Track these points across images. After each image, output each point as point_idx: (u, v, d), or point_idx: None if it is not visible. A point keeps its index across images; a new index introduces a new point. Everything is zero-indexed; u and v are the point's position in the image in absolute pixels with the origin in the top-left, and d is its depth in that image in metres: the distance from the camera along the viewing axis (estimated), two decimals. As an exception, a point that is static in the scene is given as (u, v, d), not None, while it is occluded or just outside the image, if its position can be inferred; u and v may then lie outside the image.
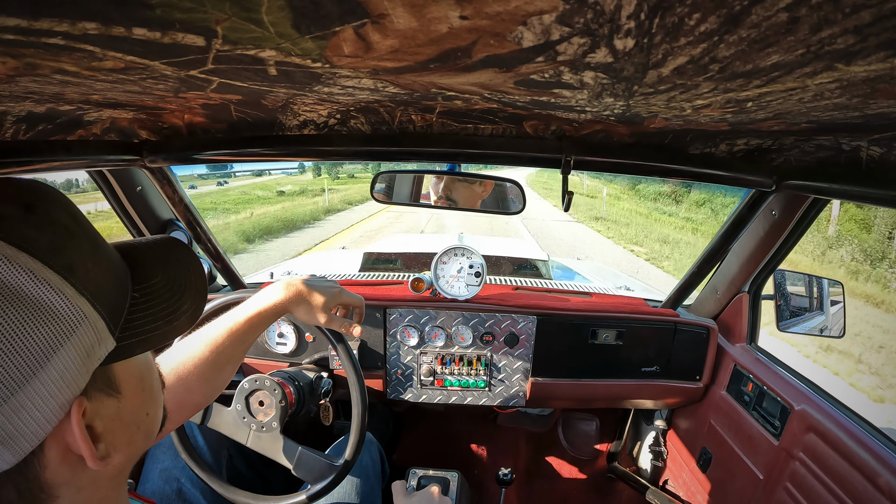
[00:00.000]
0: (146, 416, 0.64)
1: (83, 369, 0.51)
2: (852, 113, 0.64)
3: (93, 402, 0.53)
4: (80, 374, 0.50)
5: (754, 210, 1.57)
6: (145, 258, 0.65)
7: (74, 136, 1.00)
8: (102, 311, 0.52)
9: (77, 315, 0.49)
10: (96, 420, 0.54)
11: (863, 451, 1.32)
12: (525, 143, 1.13)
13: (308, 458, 1.40)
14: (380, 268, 3.77)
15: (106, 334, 0.53)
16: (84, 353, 0.50)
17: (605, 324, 2.01)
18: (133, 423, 0.61)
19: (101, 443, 0.55)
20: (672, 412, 2.40)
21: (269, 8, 0.35)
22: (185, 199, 1.69)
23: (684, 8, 0.33)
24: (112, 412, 0.57)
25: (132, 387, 0.60)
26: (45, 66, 0.50)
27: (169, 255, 0.69)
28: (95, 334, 0.51)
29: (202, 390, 1.16)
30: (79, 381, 0.51)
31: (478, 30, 0.39)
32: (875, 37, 0.36)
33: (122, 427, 0.58)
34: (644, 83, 0.56)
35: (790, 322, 1.83)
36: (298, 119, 1.06)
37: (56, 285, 0.48)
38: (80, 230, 0.54)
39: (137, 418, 0.62)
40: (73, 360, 0.49)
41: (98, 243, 0.57)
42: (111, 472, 0.59)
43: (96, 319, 0.51)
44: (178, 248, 0.71)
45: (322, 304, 1.29)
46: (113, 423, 0.57)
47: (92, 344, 0.51)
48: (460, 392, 2.06)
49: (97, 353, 0.52)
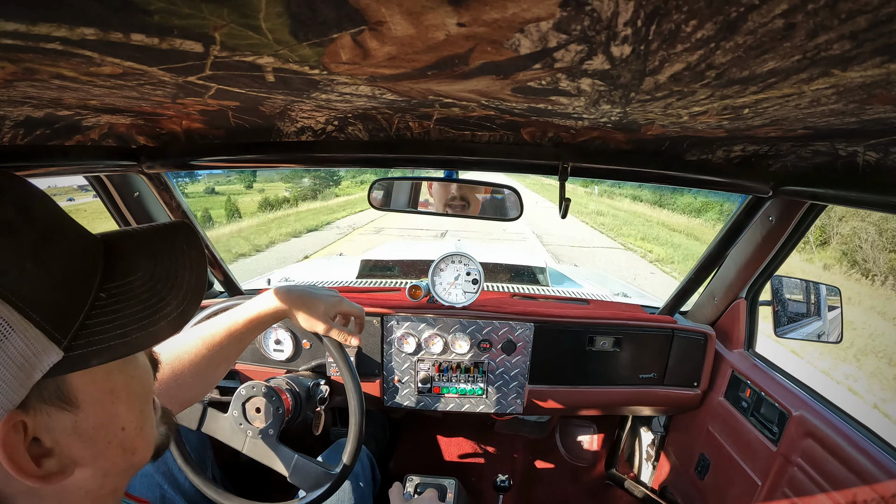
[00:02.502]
0: (121, 430, 0.58)
1: (15, 383, 0.46)
2: (849, 119, 0.64)
3: (37, 416, 0.49)
4: (11, 388, 0.46)
5: (751, 216, 1.57)
6: (130, 250, 0.59)
7: (72, 142, 1.00)
8: (39, 319, 0.47)
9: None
10: (44, 434, 0.50)
11: (861, 456, 1.31)
12: (522, 150, 1.13)
13: (304, 466, 1.39)
14: (377, 275, 3.76)
15: (45, 344, 0.47)
16: (15, 367, 0.45)
17: (603, 330, 2.01)
18: (101, 439, 0.55)
19: (52, 458, 0.51)
20: (670, 419, 2.39)
21: (267, 15, 0.35)
22: (182, 205, 1.70)
23: (681, 15, 0.33)
24: (66, 426, 0.52)
25: (95, 399, 0.55)
26: (43, 71, 0.50)
27: (164, 243, 0.63)
28: (29, 346, 0.46)
29: (195, 386, 1.15)
30: (10, 396, 0.46)
31: (475, 37, 0.39)
32: (871, 42, 0.36)
33: (83, 442, 0.54)
34: (641, 90, 0.56)
35: (788, 328, 1.83)
36: (296, 125, 1.06)
37: None
38: (28, 224, 0.49)
39: (107, 433, 0.56)
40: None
41: (52, 238, 0.51)
42: (84, 486, 0.55)
43: (27, 329, 0.46)
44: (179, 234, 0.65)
45: (322, 312, 1.28)
46: (68, 437, 0.52)
47: (25, 356, 0.46)
48: (457, 399, 2.06)
49: (37, 366, 0.47)
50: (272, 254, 17.81)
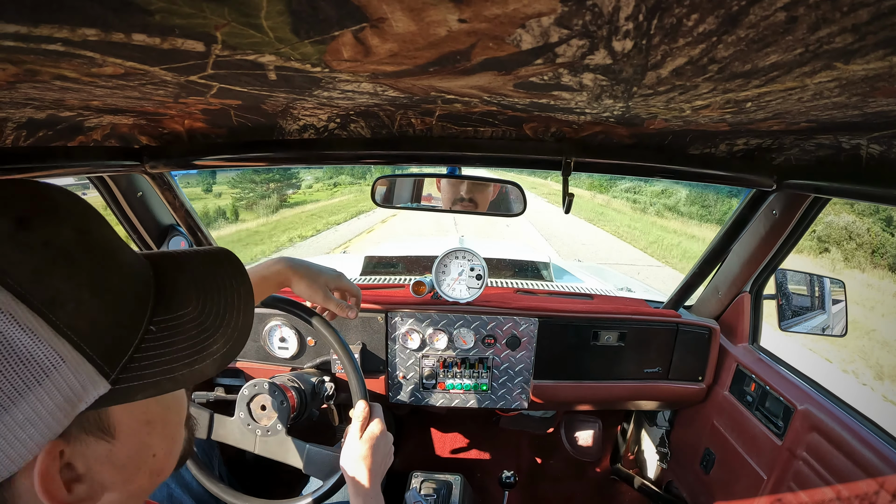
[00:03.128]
0: (152, 457, 0.57)
1: (59, 414, 0.45)
2: (852, 111, 0.64)
3: (75, 445, 0.48)
4: (55, 419, 0.45)
5: (755, 210, 1.57)
6: (180, 281, 0.57)
7: (75, 143, 1.00)
8: (91, 353, 0.46)
9: (52, 359, 0.43)
10: (78, 461, 0.49)
11: (866, 449, 1.31)
12: (525, 146, 1.13)
13: (317, 455, 1.39)
14: (381, 271, 3.77)
15: (95, 378, 0.46)
16: (62, 399, 0.44)
17: (607, 325, 2.01)
18: (131, 466, 0.54)
19: (83, 483, 0.50)
20: (675, 413, 2.39)
21: (269, 13, 0.35)
22: (185, 205, 1.70)
23: (682, 9, 0.33)
24: (100, 455, 0.51)
25: (132, 430, 0.54)
26: (45, 72, 0.50)
27: (214, 279, 0.61)
28: (77, 379, 0.45)
29: None
30: (53, 427, 0.45)
31: (476, 33, 0.39)
32: (873, 35, 0.36)
33: (115, 469, 0.52)
34: (643, 84, 0.56)
35: (792, 321, 1.83)
36: (298, 123, 1.06)
37: (27, 324, 0.42)
38: (85, 251, 0.48)
39: (138, 460, 0.55)
40: (44, 406, 0.43)
41: (109, 266, 0.50)
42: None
43: (79, 363, 0.45)
44: (229, 269, 0.63)
45: (322, 284, 1.28)
46: (101, 465, 0.51)
47: (73, 389, 0.45)
48: (462, 395, 2.06)
49: (83, 398, 0.46)
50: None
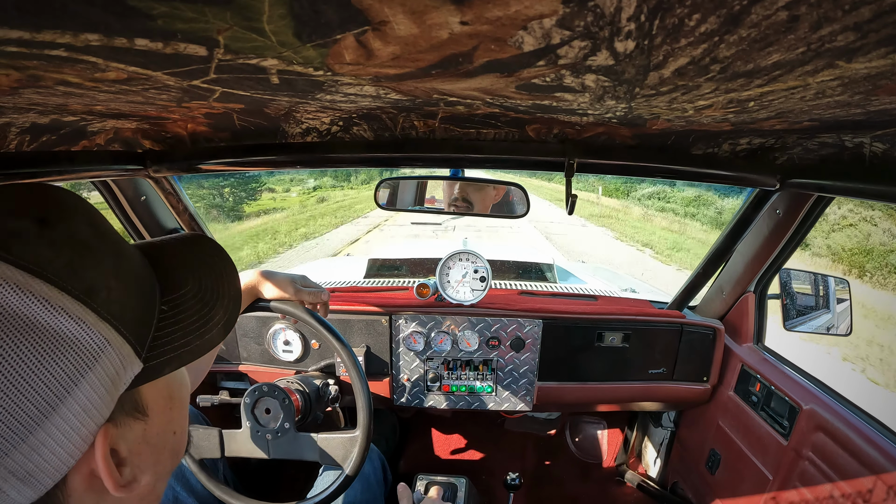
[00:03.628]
0: (173, 434, 0.60)
1: (108, 398, 0.47)
2: (854, 110, 0.64)
3: (119, 428, 0.51)
4: (104, 403, 0.47)
5: (758, 209, 1.57)
6: (174, 264, 0.61)
7: (78, 147, 1.00)
8: (127, 334, 0.49)
9: (99, 343, 0.46)
10: (121, 444, 0.51)
11: (872, 449, 1.31)
12: (528, 147, 1.13)
13: (329, 442, 1.39)
14: (385, 274, 3.77)
15: (132, 358, 0.49)
16: (109, 382, 0.47)
17: (611, 326, 2.01)
18: (160, 444, 0.57)
19: (126, 467, 0.52)
20: (680, 414, 2.39)
21: (271, 17, 0.35)
22: (189, 209, 1.70)
23: (684, 9, 0.33)
24: (138, 435, 0.54)
25: (160, 407, 0.57)
26: (48, 77, 0.50)
27: (198, 259, 0.65)
28: (121, 360, 0.48)
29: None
30: (103, 411, 0.47)
31: (478, 35, 0.39)
32: (875, 33, 0.36)
33: (148, 449, 0.55)
34: (645, 85, 0.56)
35: (797, 321, 1.83)
36: (301, 127, 1.06)
37: (75, 313, 0.44)
38: (102, 242, 0.51)
39: (164, 438, 0.58)
40: (96, 391, 0.46)
41: (122, 253, 0.53)
42: (140, 494, 0.56)
43: (121, 344, 0.48)
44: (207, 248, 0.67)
45: (288, 281, 1.37)
46: (139, 445, 0.54)
47: (117, 370, 0.48)
48: (467, 397, 2.06)
49: (123, 379, 0.49)
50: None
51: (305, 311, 1.35)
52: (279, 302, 1.35)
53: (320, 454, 1.40)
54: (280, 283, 1.36)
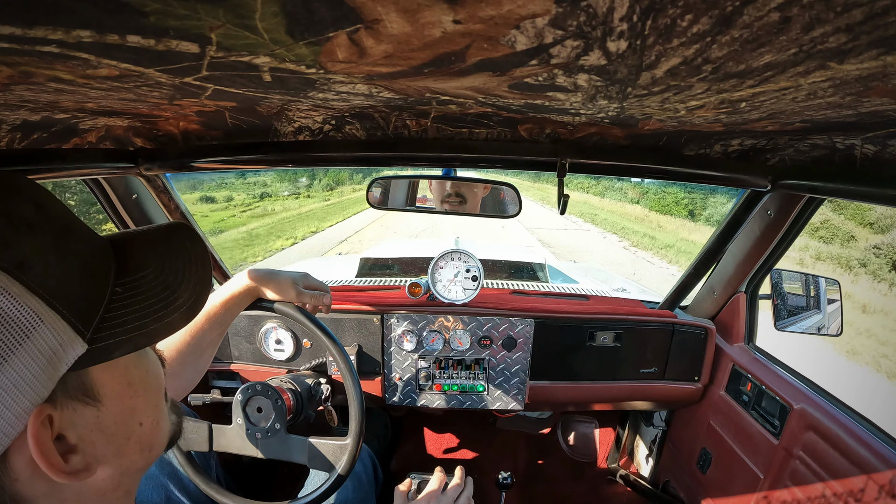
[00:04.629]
0: (139, 425, 0.59)
1: (44, 376, 0.47)
2: (846, 111, 0.64)
3: (63, 411, 0.50)
4: (39, 381, 0.47)
5: (750, 210, 1.57)
6: (137, 247, 0.61)
7: (69, 145, 1.00)
8: (65, 312, 0.48)
9: (29, 316, 0.45)
10: (69, 430, 0.51)
11: (862, 448, 1.32)
12: (520, 147, 1.13)
13: (319, 447, 1.39)
14: (377, 273, 3.76)
15: (72, 337, 0.49)
16: (44, 360, 0.47)
17: (603, 326, 2.01)
18: (120, 434, 0.56)
19: (77, 454, 0.52)
20: (671, 413, 2.40)
21: (263, 14, 0.35)
22: (181, 207, 1.69)
23: (676, 9, 0.33)
24: (90, 422, 0.53)
25: (116, 394, 0.56)
26: (39, 74, 0.50)
27: (168, 242, 0.64)
28: (57, 338, 0.47)
29: (185, 374, 1.20)
30: (39, 390, 0.47)
31: (471, 34, 0.39)
32: (867, 35, 0.36)
33: (104, 438, 0.54)
34: (638, 85, 0.56)
35: (788, 321, 1.84)
36: (293, 125, 1.06)
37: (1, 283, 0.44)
38: (46, 221, 0.50)
39: (126, 429, 0.57)
40: (29, 367, 0.46)
41: (70, 234, 0.53)
42: (102, 487, 0.56)
43: (55, 320, 0.47)
44: (180, 233, 0.67)
45: (290, 283, 1.36)
46: (92, 433, 0.53)
47: (54, 349, 0.47)
48: (459, 396, 2.06)
49: (63, 359, 0.48)
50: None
51: (307, 315, 1.35)
52: (282, 304, 1.34)
53: (309, 458, 1.40)
54: (282, 285, 1.34)
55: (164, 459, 1.51)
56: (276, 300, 1.34)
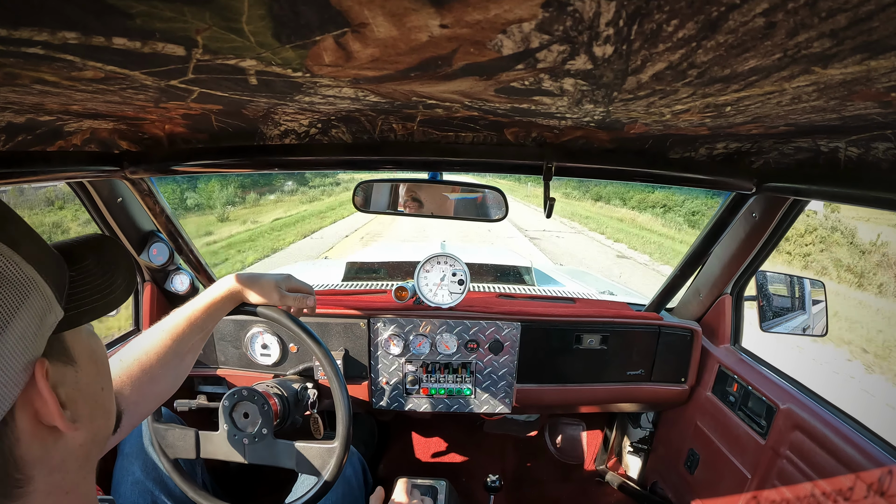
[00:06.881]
0: (101, 390, 0.65)
1: (38, 333, 0.53)
2: (830, 115, 0.65)
3: (54, 367, 0.55)
4: (36, 338, 0.52)
5: (735, 213, 1.58)
6: (73, 247, 0.67)
7: (54, 147, 0.99)
8: (49, 281, 0.55)
9: (28, 281, 0.52)
10: (59, 388, 0.55)
11: (848, 446, 1.33)
12: (506, 151, 1.13)
13: (306, 451, 1.38)
14: (363, 277, 3.75)
15: (54, 303, 0.55)
16: (38, 319, 0.52)
17: (590, 329, 2.02)
18: (91, 396, 0.62)
19: (67, 410, 0.56)
20: (658, 415, 2.41)
21: (250, 17, 0.35)
22: (166, 211, 1.68)
23: (662, 14, 0.34)
24: (72, 381, 0.58)
25: (85, 357, 0.62)
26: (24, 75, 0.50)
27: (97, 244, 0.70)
28: (45, 301, 0.53)
29: (165, 379, 1.19)
30: (36, 345, 0.52)
31: (458, 38, 0.39)
32: (851, 40, 0.36)
33: (83, 398, 0.60)
34: (623, 89, 0.56)
35: (773, 322, 1.85)
36: (279, 129, 1.06)
37: (5, 254, 0.50)
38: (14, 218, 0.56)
39: (94, 390, 0.63)
40: (29, 325, 0.51)
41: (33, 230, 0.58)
42: (78, 455, 0.60)
43: (44, 287, 0.54)
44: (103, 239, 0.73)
45: (273, 286, 1.35)
46: (74, 392, 0.58)
47: (44, 310, 0.53)
48: (446, 400, 2.06)
49: (49, 320, 0.54)
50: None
51: (290, 318, 1.34)
52: (265, 308, 1.33)
53: (297, 462, 1.39)
54: (264, 288, 1.34)
55: (150, 465, 1.50)
56: (260, 304, 1.34)
